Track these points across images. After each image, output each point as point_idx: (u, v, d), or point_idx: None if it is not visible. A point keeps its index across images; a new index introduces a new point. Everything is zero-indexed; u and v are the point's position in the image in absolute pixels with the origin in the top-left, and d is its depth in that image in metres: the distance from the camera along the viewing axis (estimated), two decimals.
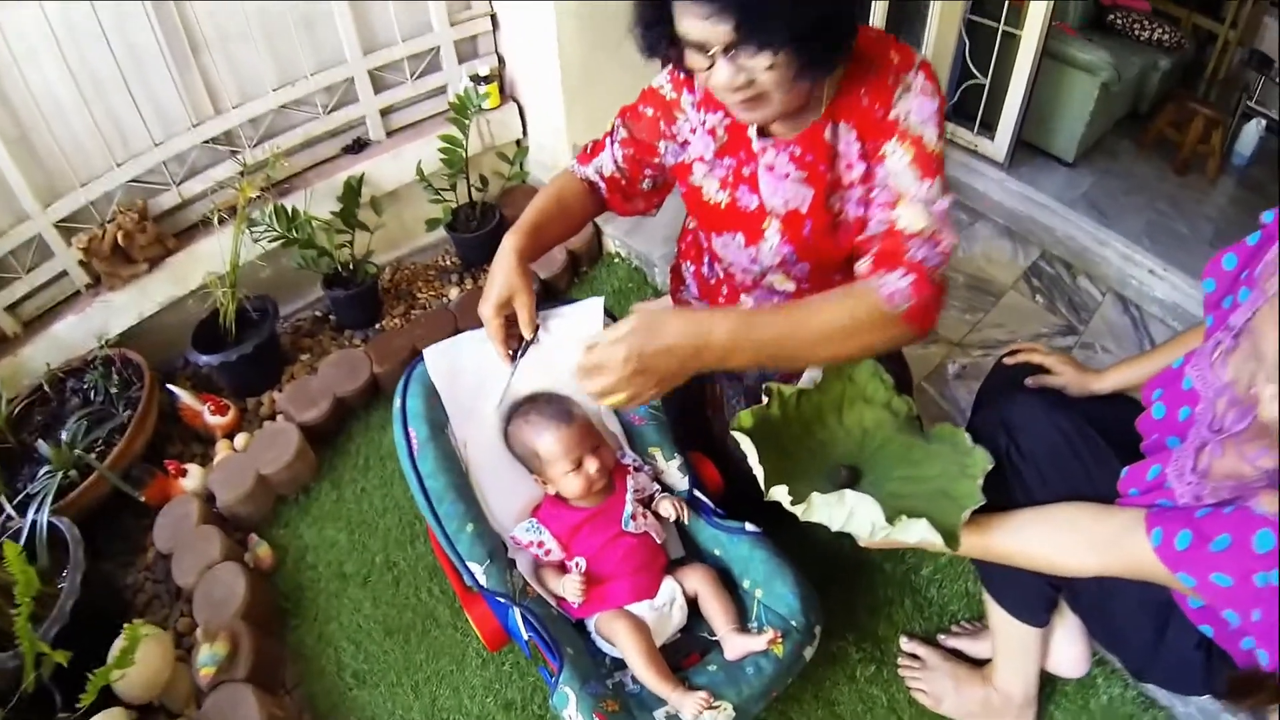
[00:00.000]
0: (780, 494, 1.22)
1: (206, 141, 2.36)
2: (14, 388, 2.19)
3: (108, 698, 1.61)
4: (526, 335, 1.48)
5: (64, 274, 2.28)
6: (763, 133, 1.39)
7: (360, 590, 1.90)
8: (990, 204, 2.75)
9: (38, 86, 2.04)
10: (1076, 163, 2.95)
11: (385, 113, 2.67)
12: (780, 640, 1.43)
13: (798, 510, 1.21)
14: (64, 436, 2.06)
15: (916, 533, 1.15)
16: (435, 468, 1.45)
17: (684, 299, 1.86)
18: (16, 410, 2.16)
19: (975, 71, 2.78)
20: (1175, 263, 2.42)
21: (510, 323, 1.47)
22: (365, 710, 1.72)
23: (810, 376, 1.42)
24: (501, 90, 2.77)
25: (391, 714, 1.70)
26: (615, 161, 1.56)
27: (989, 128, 2.82)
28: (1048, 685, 1.61)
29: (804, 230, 1.41)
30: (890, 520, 1.15)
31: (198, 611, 1.80)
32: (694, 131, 1.47)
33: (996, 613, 1.46)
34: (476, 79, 2.61)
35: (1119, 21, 3.47)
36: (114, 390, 2.19)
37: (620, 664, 1.49)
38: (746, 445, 1.28)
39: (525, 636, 1.43)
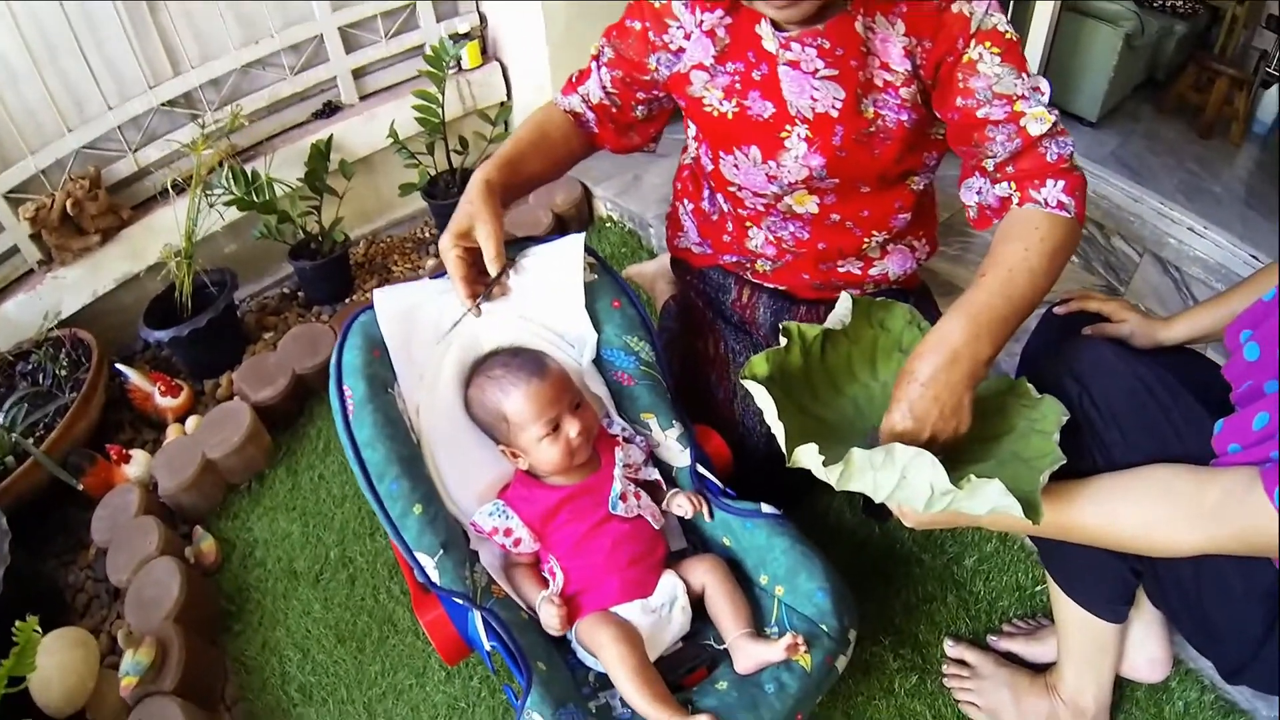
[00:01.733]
0: (809, 456, 0.88)
1: (164, 105, 2.08)
2: None
3: (27, 707, 1.32)
4: (492, 271, 1.16)
5: (15, 250, 2.01)
6: (776, 28, 1.13)
7: (311, 590, 1.55)
8: None
9: None
10: (1099, 123, 2.64)
11: (358, 75, 2.35)
12: (804, 648, 1.07)
13: (831, 476, 0.88)
14: (1, 420, 1.79)
15: (988, 498, 0.84)
16: (375, 435, 1.09)
17: (682, 247, 1.56)
18: None
19: None
20: (1216, 221, 2.09)
21: (476, 260, 1.19)
22: None
23: (837, 316, 1.09)
24: (484, 50, 2.45)
25: None
26: (603, 87, 1.32)
27: None
28: (1114, 691, 1.27)
29: (834, 138, 1.18)
30: (956, 483, 0.84)
31: (129, 613, 1.47)
32: (688, 37, 1.21)
33: (1065, 607, 1.16)
34: (456, 37, 2.28)
35: None
36: (61, 372, 1.90)
37: (607, 681, 1.12)
38: (762, 397, 0.95)
39: (487, 646, 1.07)
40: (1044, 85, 1.08)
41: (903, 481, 0.86)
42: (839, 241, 1.35)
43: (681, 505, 1.24)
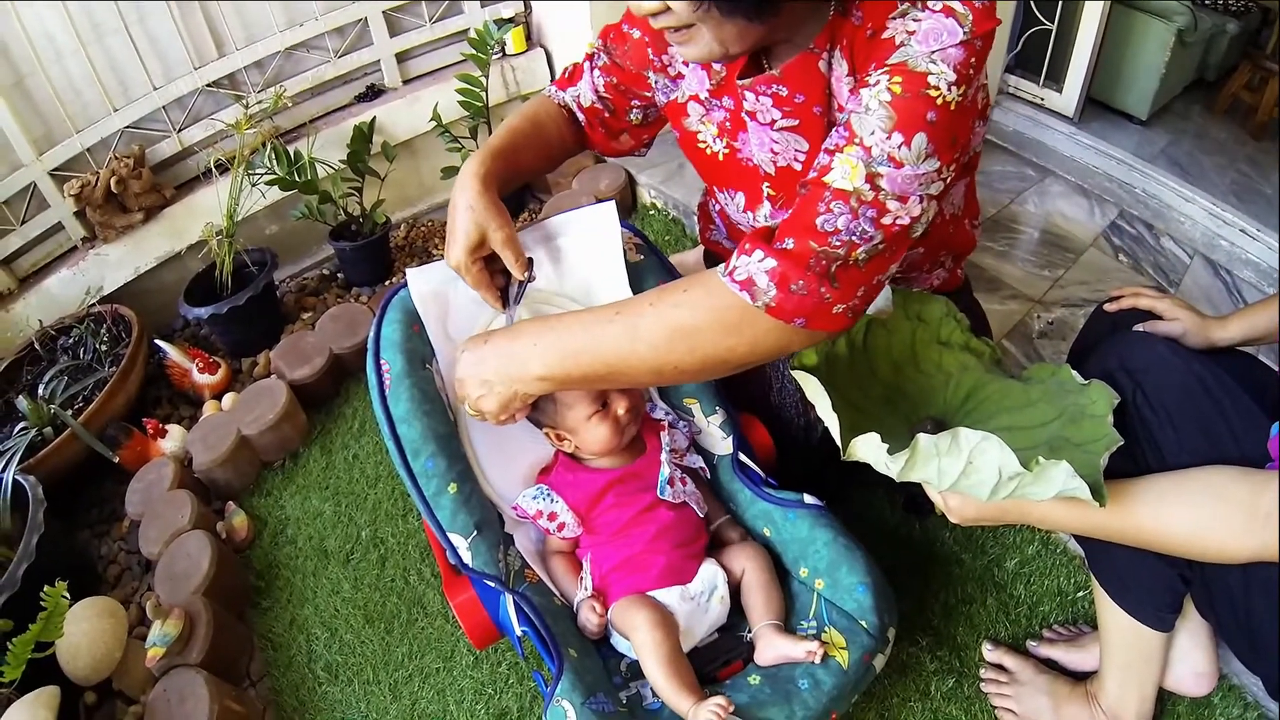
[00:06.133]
0: (869, 446, 0.83)
1: (209, 86, 2.08)
2: (6, 345, 1.94)
3: (55, 673, 1.31)
4: (518, 276, 1.08)
5: (60, 227, 2.03)
6: (754, 68, 1.00)
7: (341, 570, 1.53)
8: (1060, 160, 2.35)
9: (34, 29, 1.80)
10: (1149, 122, 2.55)
11: (401, 58, 2.34)
12: (820, 658, 1.02)
13: (894, 467, 0.83)
14: (41, 392, 1.79)
15: (1055, 481, 0.80)
16: (411, 410, 1.06)
17: (713, 240, 1.50)
18: (5, 367, 1.91)
19: (1041, 17, 2.37)
20: (1269, 224, 2.01)
21: (495, 260, 1.08)
22: (335, 710, 1.33)
23: (878, 305, 1.05)
24: (528, 36, 2.42)
25: (365, 717, 1.32)
26: (596, 91, 1.21)
27: (1056, 80, 2.42)
28: (1155, 704, 1.20)
29: None
30: (1025, 464, 0.79)
31: (158, 585, 1.46)
32: (687, 63, 1.09)
33: (1111, 614, 1.10)
34: (500, 22, 2.25)
35: None
36: (102, 347, 1.90)
37: (639, 670, 1.08)
38: (814, 389, 0.90)
39: (518, 631, 1.04)
40: (912, 171, 0.81)
41: (969, 467, 0.81)
42: None
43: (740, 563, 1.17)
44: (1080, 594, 1.38)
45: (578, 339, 0.92)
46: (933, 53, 0.80)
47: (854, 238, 0.81)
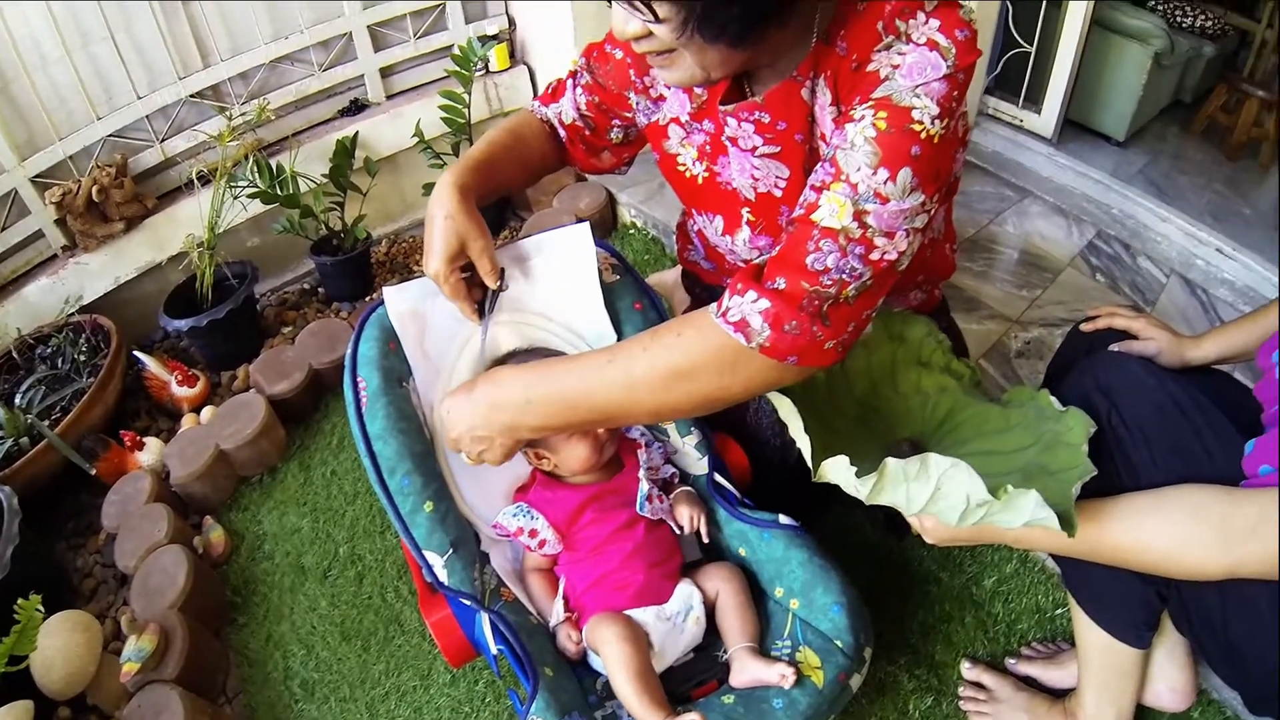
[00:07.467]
0: (838, 470, 0.83)
1: (193, 96, 2.08)
2: None
3: (28, 687, 1.30)
4: (491, 285, 1.09)
5: (40, 235, 2.01)
6: (736, 92, 1.00)
7: (318, 586, 1.51)
8: (1039, 180, 2.37)
9: (20, 34, 1.80)
10: (1127, 143, 2.58)
11: (385, 73, 2.34)
12: (792, 682, 1.01)
13: (863, 490, 0.83)
14: (18, 401, 1.78)
15: (1024, 510, 0.80)
16: (387, 428, 1.06)
17: (691, 260, 1.48)
18: None
19: (1020, 39, 2.39)
20: (1245, 243, 2.03)
21: (472, 273, 1.09)
22: None
23: None
24: (512, 53, 2.43)
25: None
26: (577, 108, 1.21)
27: (1034, 101, 2.44)
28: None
29: (781, 219, 1.04)
30: (993, 494, 0.79)
31: (134, 600, 1.45)
32: (669, 86, 1.09)
33: (1088, 631, 1.11)
34: (484, 39, 2.26)
35: (1159, 6, 3.06)
36: (80, 357, 1.88)
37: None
38: (786, 409, 0.90)
39: (494, 649, 1.03)
40: (899, 206, 0.82)
41: (937, 493, 0.81)
42: None
43: (682, 515, 1.18)
44: (1058, 611, 1.38)
45: (573, 389, 0.92)
46: (916, 87, 0.81)
47: (844, 275, 0.82)
